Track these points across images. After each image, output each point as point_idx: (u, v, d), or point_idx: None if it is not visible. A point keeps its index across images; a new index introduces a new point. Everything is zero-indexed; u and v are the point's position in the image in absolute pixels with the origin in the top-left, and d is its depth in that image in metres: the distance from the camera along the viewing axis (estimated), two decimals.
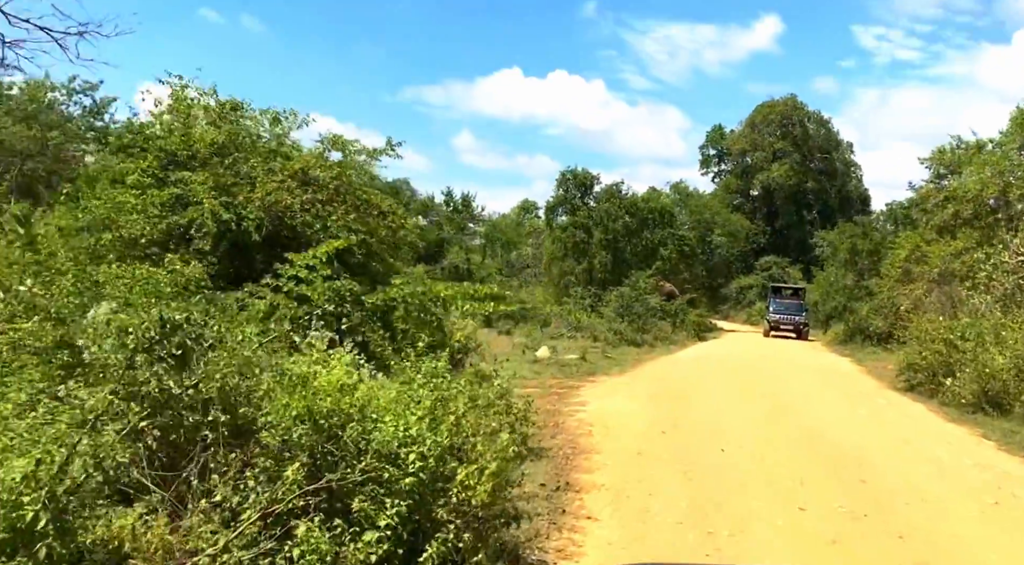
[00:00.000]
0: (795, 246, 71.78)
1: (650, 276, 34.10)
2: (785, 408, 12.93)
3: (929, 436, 11.37)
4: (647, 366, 20.22)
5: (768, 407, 12.90)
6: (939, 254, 20.89)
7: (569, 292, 33.96)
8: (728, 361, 21.28)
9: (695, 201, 45.23)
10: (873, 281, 33.29)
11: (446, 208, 37.77)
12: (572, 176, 33.99)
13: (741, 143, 75.93)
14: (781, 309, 36.67)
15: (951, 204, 21.36)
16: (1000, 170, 20.09)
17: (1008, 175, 20.04)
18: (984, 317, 15.24)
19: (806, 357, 24.33)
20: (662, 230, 35.79)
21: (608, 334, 26.87)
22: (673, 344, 27.99)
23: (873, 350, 27.64)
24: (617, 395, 14.05)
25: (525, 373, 17.58)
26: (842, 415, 12.66)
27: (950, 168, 21.95)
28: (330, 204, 9.03)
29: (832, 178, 75.10)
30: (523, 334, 28.58)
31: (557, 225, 35.36)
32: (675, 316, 32.16)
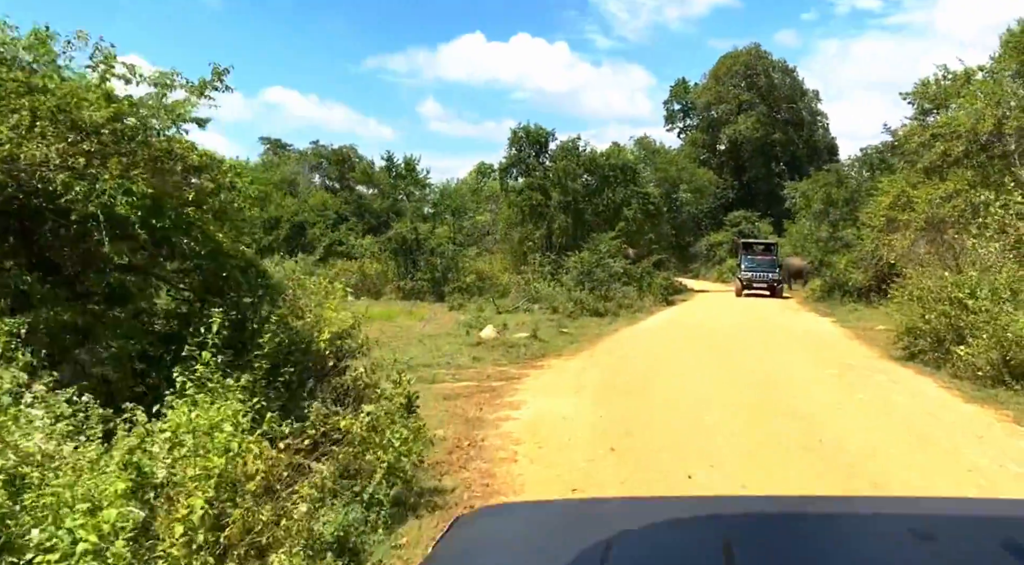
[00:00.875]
0: (764, 199, 69.52)
1: (614, 238, 31.34)
2: (770, 398, 10.25)
3: (953, 429, 8.76)
4: (606, 342, 17.52)
5: (748, 398, 10.21)
6: (926, 198, 18.27)
7: (528, 259, 31.12)
8: (697, 331, 18.65)
9: (661, 157, 42.26)
10: (848, 231, 30.84)
11: (388, 174, 34.46)
12: (525, 133, 30.91)
13: (706, 96, 73.14)
14: (753, 266, 34.17)
15: (939, 142, 18.70)
16: (996, 100, 17.41)
17: (1004, 106, 17.37)
18: (995, 270, 12.64)
19: (785, 320, 21.78)
20: (625, 188, 32.91)
21: (568, 304, 24.15)
22: (639, 311, 25.33)
23: (855, 307, 25.25)
24: (563, 389, 11.28)
25: (462, 361, 14.83)
26: (841, 403, 10.01)
27: (936, 102, 19.23)
28: (103, 157, 6.02)
29: (799, 128, 72.69)
30: (475, 309, 25.80)
31: (512, 188, 32.35)
32: (640, 280, 29.50)
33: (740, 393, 10.56)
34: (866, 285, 26.88)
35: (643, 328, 20.49)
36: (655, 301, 28.39)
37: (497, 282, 31.88)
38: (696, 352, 14.87)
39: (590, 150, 31.81)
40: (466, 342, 17.28)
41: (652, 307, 26.94)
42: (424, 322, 22.79)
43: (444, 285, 30.66)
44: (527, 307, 24.82)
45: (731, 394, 10.49)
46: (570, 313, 23.62)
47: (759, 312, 24.54)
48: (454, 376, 13.30)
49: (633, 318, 23.51)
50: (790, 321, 21.40)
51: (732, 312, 24.82)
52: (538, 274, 29.85)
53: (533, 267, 30.24)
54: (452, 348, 16.64)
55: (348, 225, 37.81)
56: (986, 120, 17.38)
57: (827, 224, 30.73)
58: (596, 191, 31.80)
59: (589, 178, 31.87)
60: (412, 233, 30.56)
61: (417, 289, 30.79)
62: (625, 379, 11.98)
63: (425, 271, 30.67)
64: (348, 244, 35.47)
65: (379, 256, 33.07)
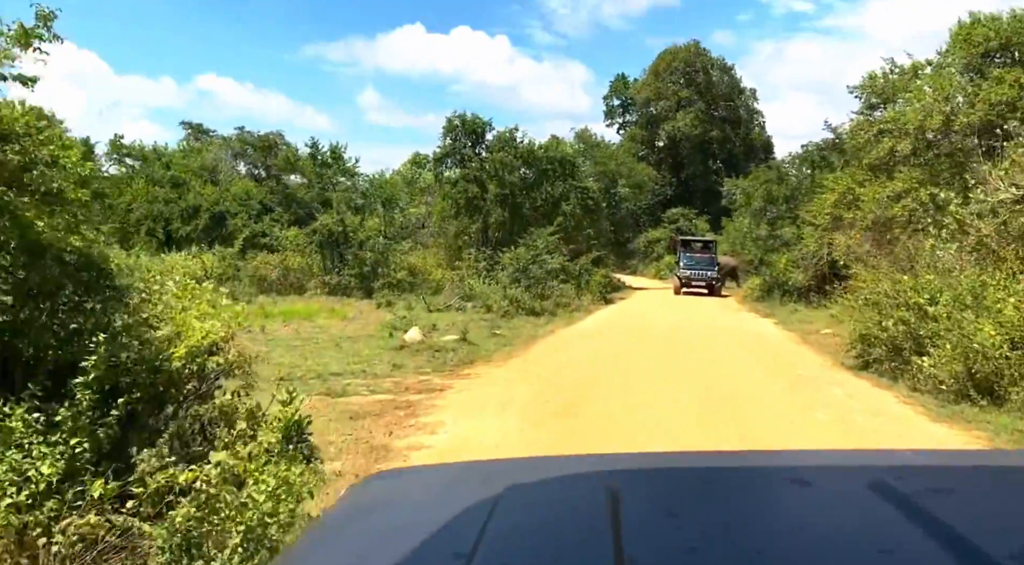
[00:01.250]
0: (701, 196, 69.53)
1: (552, 234, 30.08)
2: (720, 418, 9.01)
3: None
4: (541, 346, 16.16)
5: (697, 419, 8.95)
6: (874, 197, 17.48)
7: (462, 255, 29.60)
8: (637, 334, 17.47)
9: (600, 152, 41.13)
10: (788, 230, 30.28)
11: (313, 162, 32.36)
12: (461, 122, 29.30)
13: (645, 92, 72.74)
14: (692, 264, 33.40)
15: (886, 138, 17.93)
16: (945, 95, 16.68)
17: (952, 101, 16.65)
18: (956, 273, 11.73)
19: (726, 321, 20.83)
20: (564, 182, 31.65)
21: (502, 303, 22.75)
22: (577, 311, 24.11)
23: (795, 308, 24.55)
24: (489, 406, 9.83)
25: (380, 368, 13.26)
26: (798, 423, 8.84)
27: (883, 97, 18.46)
28: None
29: (736, 126, 72.97)
30: (404, 307, 24.18)
31: (447, 179, 30.72)
32: (579, 278, 28.31)
33: (687, 412, 9.29)
34: (806, 285, 26.29)
35: (581, 330, 19.23)
36: (593, 299, 27.24)
37: (430, 278, 30.27)
38: (636, 360, 13.62)
39: (528, 142, 30.47)
40: (388, 346, 15.70)
41: (590, 306, 25.77)
42: (347, 321, 21.10)
43: (373, 281, 28.91)
44: (460, 306, 23.33)
45: (677, 414, 9.21)
46: (505, 312, 22.24)
47: (699, 312, 23.60)
48: (369, 387, 11.73)
49: (570, 318, 22.26)
50: (732, 322, 20.45)
51: (672, 312, 23.82)
52: (473, 270, 28.36)
53: (468, 263, 28.74)
54: (372, 352, 15.07)
55: (273, 216, 35.56)
56: (934, 116, 16.65)
57: (766, 222, 30.10)
58: (534, 184, 30.46)
59: (527, 171, 30.52)
60: (339, 225, 28.67)
61: (344, 285, 28.95)
62: (560, 394, 10.59)
63: (353, 266, 28.84)
64: (272, 236, 33.27)
65: (304, 249, 31.05)
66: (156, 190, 37.12)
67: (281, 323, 20.45)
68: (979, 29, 16.31)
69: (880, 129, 18.32)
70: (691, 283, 32.74)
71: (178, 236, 36.97)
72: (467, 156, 29.52)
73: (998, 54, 16.73)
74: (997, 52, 16.45)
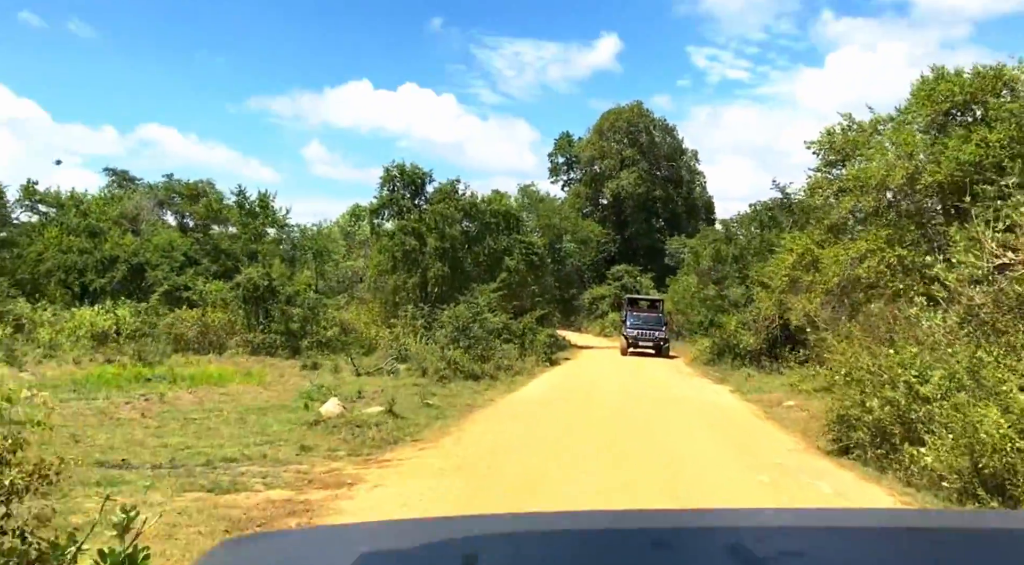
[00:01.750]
0: (645, 254, 69.20)
1: (495, 290, 28.37)
2: None
3: None
4: (478, 420, 14.17)
5: None
6: (836, 258, 16.24)
7: (399, 311, 27.56)
8: (585, 406, 15.63)
9: (545, 206, 39.86)
10: (735, 290, 29.20)
11: (240, 211, 30.11)
12: (399, 172, 27.62)
13: (589, 150, 72.76)
14: (639, 323, 32.00)
15: (847, 197, 16.84)
16: (908, 152, 15.69)
17: (916, 158, 15.67)
18: (943, 346, 10.29)
19: (680, 389, 19.19)
20: (508, 237, 30.12)
21: (439, 365, 20.73)
22: (520, 374, 22.22)
23: (748, 373, 23.14)
24: (404, 512, 7.80)
25: (285, 452, 11.06)
26: None
27: (842, 154, 17.46)
28: None
29: (678, 186, 73.34)
30: (331, 368, 21.96)
31: (383, 231, 28.84)
32: (522, 337, 26.53)
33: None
34: (757, 348, 25.04)
35: (524, 398, 17.30)
36: (538, 361, 25.42)
37: (363, 336, 28.09)
38: (587, 441, 11.74)
39: (470, 194, 28.91)
40: (302, 420, 13.47)
41: (534, 368, 23.93)
42: (263, 387, 18.75)
43: (301, 339, 26.58)
44: (392, 368, 21.21)
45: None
46: (441, 376, 20.23)
47: (650, 377, 21.97)
48: (265, 479, 9.52)
49: (513, 383, 20.35)
50: (687, 391, 18.82)
51: (621, 376, 22.14)
52: (409, 328, 26.35)
53: (404, 320, 26.72)
54: (281, 429, 12.84)
55: (198, 268, 32.96)
56: (896, 172, 15.61)
57: (712, 282, 28.97)
58: (476, 238, 28.81)
59: (469, 224, 28.89)
60: (265, 278, 26.37)
61: (268, 343, 26.51)
62: (498, 491, 8.63)
63: (279, 322, 26.49)
64: (195, 289, 30.67)
65: (228, 304, 28.54)
66: (71, 239, 34.24)
67: (187, 389, 18.01)
68: (942, 85, 15.45)
69: (840, 187, 17.23)
70: (638, 343, 31.29)
71: (93, 288, 34.03)
72: (406, 207, 27.77)
73: (960, 111, 15.89)
74: (960, 109, 15.60)
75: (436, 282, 27.65)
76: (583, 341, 40.93)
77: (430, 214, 27.46)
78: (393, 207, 28.04)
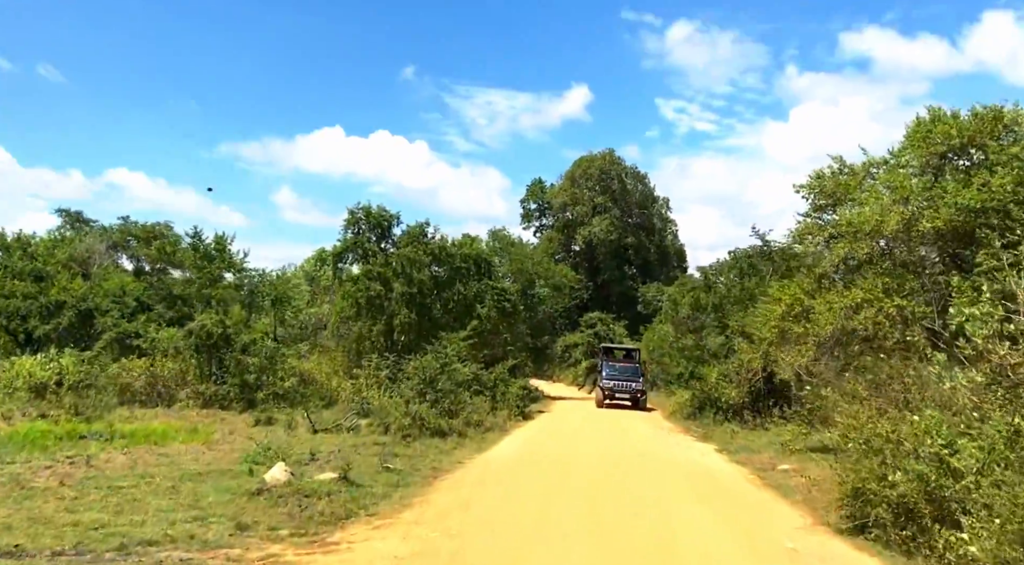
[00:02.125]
0: (617, 301, 68.27)
1: (465, 338, 26.86)
2: None
3: None
4: (444, 488, 12.54)
5: None
6: (831, 308, 15.09)
7: (363, 361, 25.89)
8: (563, 468, 14.08)
9: (517, 251, 38.64)
10: (715, 340, 28.03)
11: (193, 253, 28.40)
12: (365, 215, 26.26)
13: (562, 197, 72.32)
14: (615, 374, 30.59)
15: (840, 244, 15.79)
16: (904, 196, 14.72)
17: (914, 202, 14.70)
18: (968, 410, 9.02)
19: (663, 448, 17.72)
20: (479, 282, 28.75)
21: (404, 421, 19.05)
22: (491, 430, 20.60)
23: (732, 429, 21.78)
24: None
25: (215, 532, 9.33)
26: None
27: (833, 198, 16.48)
28: None
29: (650, 234, 73.02)
30: (286, 424, 20.17)
31: (347, 276, 27.31)
32: (494, 389, 24.97)
33: None
34: (740, 402, 23.74)
35: (495, 461, 15.69)
36: (510, 414, 23.82)
37: (324, 388, 26.30)
38: (567, 519, 10.19)
39: (440, 238, 27.56)
40: (242, 489, 11.73)
41: (506, 424, 22.32)
42: (208, 446, 16.91)
43: (256, 391, 24.73)
44: (352, 424, 19.49)
45: None
46: (406, 433, 18.56)
47: (631, 435, 20.50)
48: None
49: (483, 441, 18.74)
50: (670, 450, 17.36)
51: (600, 434, 20.64)
52: (373, 379, 24.66)
53: (367, 371, 25.03)
54: (218, 499, 11.10)
55: (150, 314, 31.01)
56: (891, 218, 14.60)
57: (689, 331, 27.78)
58: (446, 284, 27.39)
59: (438, 269, 27.49)
60: (219, 326, 24.60)
61: (222, 395, 24.62)
62: None
63: (233, 373, 24.65)
64: (146, 337, 28.68)
65: (182, 352, 26.63)
66: (15, 283, 32.14)
67: (122, 449, 16.14)
68: (939, 127, 14.58)
69: (831, 233, 16.19)
70: (615, 395, 29.85)
71: (37, 336, 31.85)
72: (371, 251, 26.33)
73: (957, 155, 15.01)
74: (957, 152, 14.72)
75: (402, 330, 26.08)
76: (556, 391, 39.38)
77: (397, 258, 26.04)
78: (358, 250, 26.57)
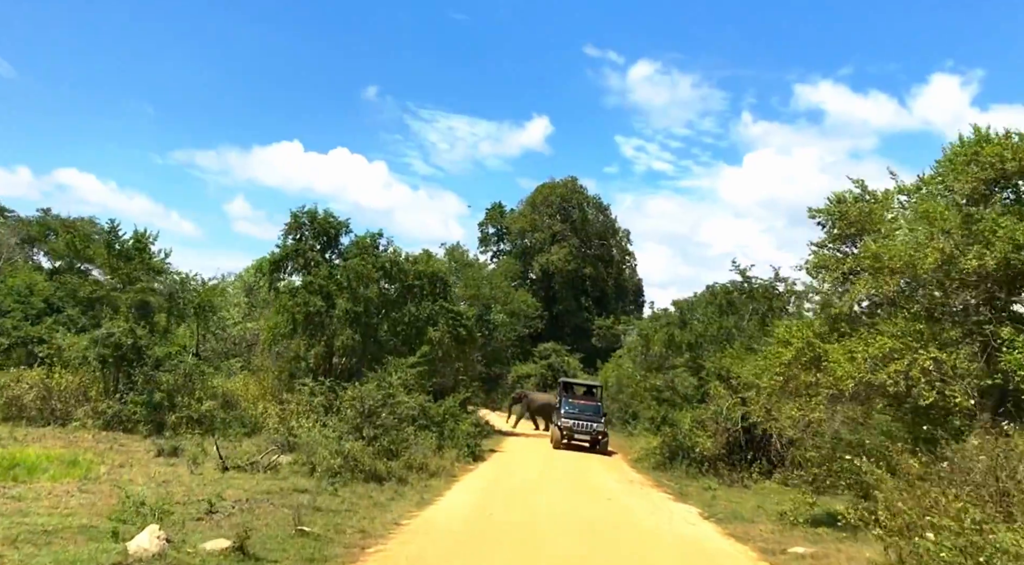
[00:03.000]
0: (572, 333, 65.66)
1: (414, 365, 23.70)
2: None
3: None
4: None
5: None
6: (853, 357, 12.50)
7: (296, 385, 22.49)
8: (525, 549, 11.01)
9: (474, 272, 35.55)
10: (687, 380, 25.41)
11: (107, 251, 24.66)
12: (310, 219, 23.07)
13: (521, 222, 69.78)
14: (575, 412, 27.66)
15: (862, 280, 13.28)
16: (944, 228, 12.30)
17: (954, 236, 12.28)
18: None
19: (642, 513, 14.76)
20: (433, 303, 25.66)
21: (334, 461, 15.78)
22: (436, 475, 17.42)
23: (709, 485, 19.06)
24: None
25: None
26: None
27: (856, 227, 13.99)
28: None
29: (609, 266, 70.87)
30: (193, 455, 16.65)
31: (285, 288, 23.96)
32: (443, 424, 21.81)
33: None
34: (715, 453, 21.09)
35: (438, 525, 12.52)
36: (460, 455, 20.67)
37: (247, 413, 22.76)
38: None
39: (392, 251, 24.43)
40: (98, 561, 8.47)
41: (454, 467, 19.15)
42: (83, 485, 13.35)
43: (170, 412, 21.11)
44: (271, 463, 16.12)
45: None
46: (334, 475, 15.32)
47: (600, 491, 17.54)
48: None
49: (427, 490, 15.56)
50: (650, 516, 14.42)
51: (563, 489, 17.61)
52: (306, 407, 21.30)
53: (299, 397, 21.66)
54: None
55: (59, 317, 27.02)
56: (927, 254, 12.14)
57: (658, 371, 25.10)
58: (396, 303, 24.22)
59: (388, 286, 24.33)
60: (128, 336, 20.98)
61: (127, 416, 20.94)
62: None
63: (141, 391, 21.02)
64: (52, 343, 24.70)
65: (89, 364, 22.80)
66: None
67: None
68: (987, 149, 12.23)
69: (850, 268, 13.66)
70: (574, 436, 26.91)
71: None
72: (314, 261, 23.04)
73: (1005, 184, 12.67)
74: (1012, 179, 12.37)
75: (344, 352, 22.76)
76: (508, 427, 36.28)
77: (343, 271, 22.82)
78: (298, 259, 23.27)
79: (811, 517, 13.63)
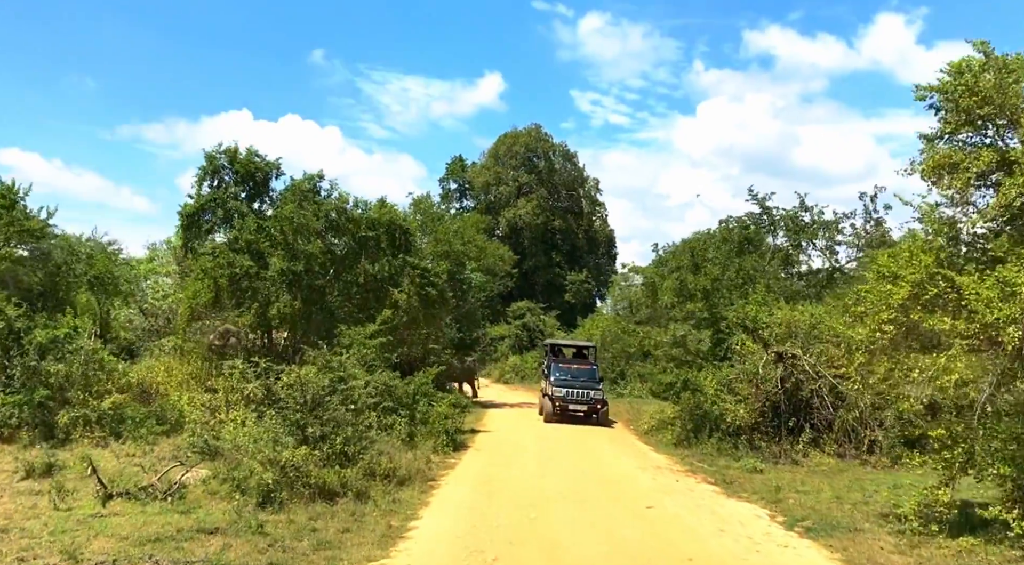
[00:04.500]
0: (544, 289, 61.50)
1: (373, 335, 19.06)
2: None
3: None
4: None
5: None
6: (1019, 291, 8.20)
7: (224, 369, 17.66)
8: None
9: (443, 227, 30.47)
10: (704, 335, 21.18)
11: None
12: (230, 160, 17.97)
13: (484, 176, 64.72)
14: (567, 379, 23.26)
15: (1013, 180, 8.96)
16: None
17: None
18: None
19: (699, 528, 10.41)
20: (393, 258, 20.85)
21: (268, 475, 11.11)
22: (407, 482, 12.82)
23: (753, 465, 14.90)
24: None
25: None
26: None
27: (988, 106, 9.55)
28: None
29: (579, 217, 66.35)
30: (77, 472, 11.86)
31: (204, 248, 18.93)
32: (412, 407, 17.25)
33: None
34: (750, 422, 16.94)
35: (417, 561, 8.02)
36: (437, 447, 16.16)
37: (170, 405, 17.94)
38: None
39: (339, 196, 19.42)
40: None
41: (429, 465, 14.61)
42: None
43: (64, 411, 16.19)
44: (173, 484, 11.36)
45: None
46: (267, 494, 10.74)
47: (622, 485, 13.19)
48: None
49: (393, 510, 11.00)
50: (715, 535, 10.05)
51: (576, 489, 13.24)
52: (237, 396, 16.57)
53: (230, 383, 16.89)
54: None
55: None
56: None
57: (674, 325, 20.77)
58: (346, 261, 19.33)
59: (336, 239, 19.41)
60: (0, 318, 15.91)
61: (2, 420, 15.97)
62: None
63: (20, 387, 16.06)
64: None
65: None
66: None
67: None
68: None
69: (990, 164, 9.30)
70: (568, 407, 22.60)
71: None
72: (237, 211, 17.97)
73: None
74: None
75: (282, 321, 17.92)
76: (486, 395, 31.95)
77: (275, 223, 17.83)
78: (217, 211, 18.19)
79: (945, 518, 9.53)
